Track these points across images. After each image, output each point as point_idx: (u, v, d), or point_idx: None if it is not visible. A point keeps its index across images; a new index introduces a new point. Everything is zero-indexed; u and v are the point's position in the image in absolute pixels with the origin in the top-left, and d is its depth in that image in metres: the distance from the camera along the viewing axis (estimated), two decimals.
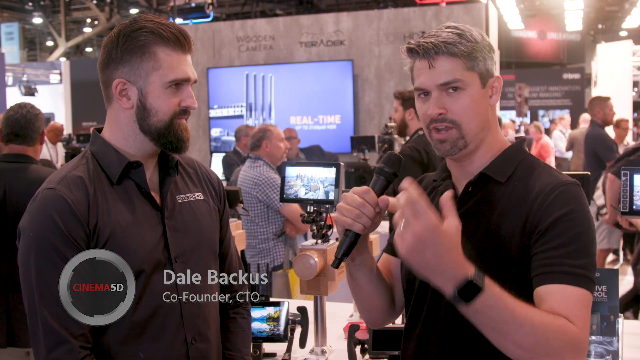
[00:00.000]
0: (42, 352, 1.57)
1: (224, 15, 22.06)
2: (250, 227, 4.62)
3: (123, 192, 1.68)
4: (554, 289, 1.40)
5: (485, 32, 1.87)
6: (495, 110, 1.60)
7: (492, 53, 1.56)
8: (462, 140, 1.52)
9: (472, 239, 1.51)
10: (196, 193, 1.83)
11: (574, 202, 1.45)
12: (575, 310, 1.38)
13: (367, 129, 10.65)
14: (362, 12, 11.66)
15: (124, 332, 1.64)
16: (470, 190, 1.57)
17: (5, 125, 3.29)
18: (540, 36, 23.38)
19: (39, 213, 1.60)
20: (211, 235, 1.84)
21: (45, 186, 1.63)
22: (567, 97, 20.06)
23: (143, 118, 1.67)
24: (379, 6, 19.84)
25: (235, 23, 11.73)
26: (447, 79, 1.50)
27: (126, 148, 1.70)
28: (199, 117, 11.45)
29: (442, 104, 1.51)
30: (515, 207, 1.49)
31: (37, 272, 1.57)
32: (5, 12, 23.80)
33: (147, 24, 1.66)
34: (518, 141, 1.61)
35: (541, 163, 1.59)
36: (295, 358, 2.60)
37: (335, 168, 2.36)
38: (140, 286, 1.64)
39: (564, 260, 1.41)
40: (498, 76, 1.58)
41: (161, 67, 1.65)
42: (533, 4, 21.98)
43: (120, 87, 1.66)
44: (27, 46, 27.19)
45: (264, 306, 2.54)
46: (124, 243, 1.63)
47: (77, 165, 1.69)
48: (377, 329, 2.34)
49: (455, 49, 1.49)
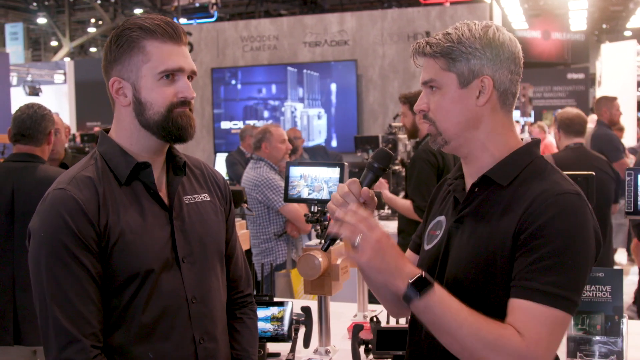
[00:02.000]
0: (53, 352, 1.57)
1: (228, 15, 22.07)
2: (252, 228, 4.63)
3: (131, 193, 1.69)
4: (520, 305, 1.39)
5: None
6: (497, 111, 1.55)
7: (494, 51, 1.52)
8: (440, 137, 1.57)
9: (470, 239, 1.53)
10: (203, 194, 1.84)
11: (563, 213, 1.41)
12: (530, 325, 1.37)
13: (371, 128, 10.67)
14: (366, 12, 11.66)
15: (133, 332, 1.64)
16: (475, 191, 1.57)
17: (13, 125, 3.31)
18: (545, 36, 23.33)
19: (50, 213, 1.60)
20: (217, 236, 1.85)
21: (55, 187, 1.64)
22: (572, 97, 20.00)
23: (140, 113, 1.68)
24: (383, 6, 19.83)
25: (239, 23, 11.75)
26: (424, 79, 1.58)
27: (132, 147, 1.71)
28: (203, 117, 11.47)
29: (425, 101, 1.58)
30: (511, 212, 1.47)
31: (48, 272, 1.57)
32: (10, 12, 23.85)
33: (136, 21, 1.67)
34: (528, 144, 1.59)
35: (548, 167, 1.55)
36: (299, 358, 2.60)
37: (339, 168, 2.36)
38: (150, 286, 1.64)
39: (535, 276, 1.39)
40: (486, 76, 1.52)
41: (150, 60, 1.65)
42: (537, 3, 21.93)
43: (116, 85, 1.68)
44: (32, 46, 27.25)
45: (267, 306, 2.54)
46: (134, 243, 1.63)
47: (86, 165, 1.70)
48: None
49: (430, 49, 1.54)
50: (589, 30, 24.67)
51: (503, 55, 1.53)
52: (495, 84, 1.54)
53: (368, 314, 3.04)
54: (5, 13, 23.89)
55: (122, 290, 1.63)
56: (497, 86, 1.54)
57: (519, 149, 1.57)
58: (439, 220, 1.67)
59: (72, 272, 1.57)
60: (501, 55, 1.53)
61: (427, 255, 1.66)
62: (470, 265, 1.50)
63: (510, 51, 1.55)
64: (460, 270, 1.52)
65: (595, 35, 26.78)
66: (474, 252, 1.50)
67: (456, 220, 1.58)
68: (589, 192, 2.34)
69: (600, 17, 24.70)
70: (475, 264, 1.49)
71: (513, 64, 1.55)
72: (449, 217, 1.63)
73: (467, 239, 1.54)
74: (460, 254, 1.54)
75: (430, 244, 1.66)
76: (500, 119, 1.57)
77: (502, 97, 1.56)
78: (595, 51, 21.21)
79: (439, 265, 1.59)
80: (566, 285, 1.39)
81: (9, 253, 3.12)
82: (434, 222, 1.70)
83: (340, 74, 10.83)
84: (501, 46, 1.53)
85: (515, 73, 1.56)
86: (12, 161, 3.30)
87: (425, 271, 1.57)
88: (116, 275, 1.62)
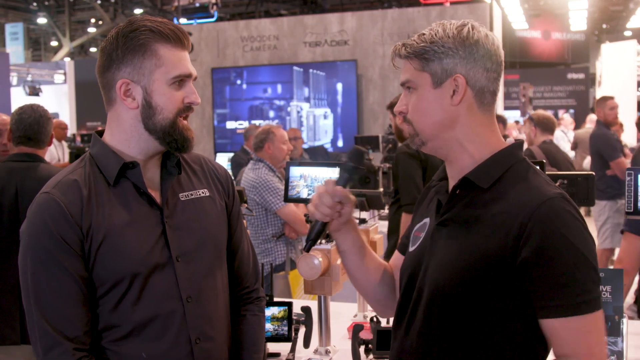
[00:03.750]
0: (39, 354, 1.61)
1: (228, 15, 22.08)
2: (251, 229, 4.62)
3: (120, 193, 1.68)
4: (556, 325, 1.41)
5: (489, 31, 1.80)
6: (474, 110, 1.53)
7: (467, 50, 1.50)
8: (417, 137, 1.57)
9: (453, 244, 1.51)
10: (201, 190, 1.82)
11: (556, 223, 1.41)
12: (579, 343, 1.40)
13: (371, 128, 10.67)
14: (367, 12, 11.67)
15: (124, 333, 1.64)
16: (457, 193, 1.55)
17: (17, 128, 3.29)
18: (545, 36, 23.34)
19: (34, 218, 1.63)
20: (217, 233, 1.82)
21: (42, 190, 1.66)
22: (572, 97, 20.01)
23: (148, 117, 1.67)
24: (383, 6, 19.83)
25: (239, 23, 11.76)
26: (402, 80, 1.59)
27: (128, 150, 1.71)
28: (203, 117, 11.48)
29: (404, 102, 1.59)
30: (496, 218, 1.46)
31: (32, 276, 1.60)
32: (10, 12, 23.86)
33: (146, 23, 1.66)
34: (511, 146, 1.56)
35: (531, 170, 1.53)
36: (299, 358, 2.60)
37: (339, 168, 2.36)
38: (138, 287, 1.64)
39: (555, 295, 1.40)
40: (459, 74, 1.50)
41: (164, 64, 1.65)
42: (537, 3, 21.94)
43: (124, 87, 1.66)
44: (32, 46, 27.26)
45: (268, 306, 2.54)
46: (119, 244, 1.63)
47: (74, 168, 1.71)
48: (383, 319, 2.34)
49: (405, 50, 1.56)
50: (589, 30, 24.67)
51: (477, 53, 1.50)
52: (469, 82, 1.51)
53: (368, 314, 3.04)
54: (5, 13, 23.89)
55: (111, 290, 1.63)
56: (471, 84, 1.51)
57: (500, 150, 1.54)
58: (424, 222, 1.66)
59: (55, 275, 1.59)
60: (475, 53, 1.50)
61: (410, 258, 1.64)
62: (454, 271, 1.48)
63: (486, 49, 1.52)
64: (443, 275, 1.50)
65: (596, 35, 26.78)
66: (459, 258, 1.48)
67: (439, 223, 1.56)
68: (589, 191, 2.34)
69: (600, 17, 24.70)
70: (459, 270, 1.47)
71: (489, 62, 1.52)
72: (432, 219, 1.62)
73: (450, 244, 1.52)
74: (443, 258, 1.52)
75: (414, 246, 1.65)
76: (478, 118, 1.54)
77: (478, 96, 1.53)
78: (595, 51, 21.23)
79: (422, 268, 1.57)
80: (586, 288, 1.40)
81: (15, 252, 3.13)
82: (420, 224, 1.68)
83: (345, 74, 10.84)
84: (475, 44, 1.51)
85: (493, 71, 1.53)
86: (14, 161, 3.29)
87: (409, 274, 1.59)
88: (103, 276, 1.63)
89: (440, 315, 1.49)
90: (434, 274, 1.52)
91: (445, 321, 1.48)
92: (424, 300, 1.53)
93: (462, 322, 1.47)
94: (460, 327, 1.47)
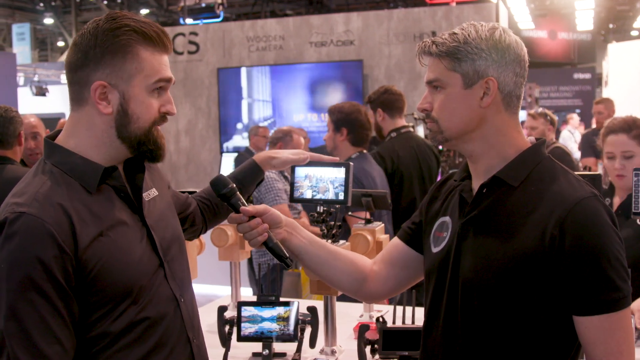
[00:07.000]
0: None
1: (234, 16, 22.09)
2: None
3: (103, 201, 1.55)
4: (588, 324, 1.44)
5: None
6: (502, 113, 1.56)
7: (499, 53, 1.52)
8: (440, 134, 1.58)
9: (485, 241, 1.53)
10: (153, 188, 1.75)
11: (591, 223, 1.44)
12: (610, 340, 1.44)
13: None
14: (372, 12, 11.65)
15: (128, 341, 1.54)
16: (484, 192, 1.57)
17: None
18: (551, 36, 23.27)
19: (17, 245, 1.40)
20: (178, 226, 1.81)
21: (16, 208, 1.43)
22: (578, 97, 19.94)
23: (123, 125, 1.55)
24: (389, 6, 19.82)
25: (245, 23, 11.74)
26: (428, 78, 1.59)
27: (97, 156, 1.56)
28: (209, 117, 11.48)
29: (428, 100, 1.59)
30: (530, 216, 1.48)
31: (9, 310, 1.39)
32: (17, 13, 23.93)
33: (129, 23, 1.54)
34: (536, 144, 1.59)
35: (558, 168, 1.56)
36: (305, 358, 2.60)
37: (344, 168, 2.36)
38: (140, 297, 1.56)
39: (589, 292, 1.43)
40: (491, 77, 1.52)
41: (144, 69, 1.54)
42: (543, 3, 21.88)
43: (100, 90, 1.53)
44: (38, 46, 27.31)
45: (274, 306, 2.54)
46: (117, 257, 1.52)
47: (41, 182, 1.50)
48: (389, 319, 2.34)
49: (436, 49, 1.55)
50: (596, 30, 24.59)
51: (509, 57, 1.53)
52: (500, 85, 1.54)
53: (374, 314, 3.04)
54: (12, 13, 23.96)
55: (112, 304, 1.51)
56: (501, 88, 1.54)
57: (527, 149, 1.57)
58: (444, 221, 1.67)
59: (37, 310, 1.39)
60: (507, 57, 1.53)
61: (437, 258, 1.65)
62: (491, 266, 1.50)
63: (516, 53, 1.55)
64: (477, 274, 1.52)
65: (602, 35, 26.68)
66: (495, 252, 1.50)
67: (465, 222, 1.58)
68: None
69: (606, 16, 24.61)
70: (496, 265, 1.49)
71: (518, 67, 1.55)
72: (455, 218, 1.63)
73: (482, 240, 1.54)
74: (476, 258, 1.54)
75: (439, 247, 1.66)
76: (505, 120, 1.57)
77: (506, 99, 1.56)
78: (602, 51, 21.15)
79: (451, 268, 1.58)
80: (617, 284, 1.43)
81: None
82: (438, 223, 1.70)
83: (351, 74, 10.82)
84: (507, 48, 1.53)
85: (520, 76, 1.56)
86: None
87: (438, 274, 1.61)
88: (103, 294, 1.49)
89: (480, 308, 1.52)
90: (468, 274, 1.54)
91: (484, 315, 1.51)
92: (460, 296, 1.55)
93: (499, 315, 1.49)
94: (497, 320, 1.50)
